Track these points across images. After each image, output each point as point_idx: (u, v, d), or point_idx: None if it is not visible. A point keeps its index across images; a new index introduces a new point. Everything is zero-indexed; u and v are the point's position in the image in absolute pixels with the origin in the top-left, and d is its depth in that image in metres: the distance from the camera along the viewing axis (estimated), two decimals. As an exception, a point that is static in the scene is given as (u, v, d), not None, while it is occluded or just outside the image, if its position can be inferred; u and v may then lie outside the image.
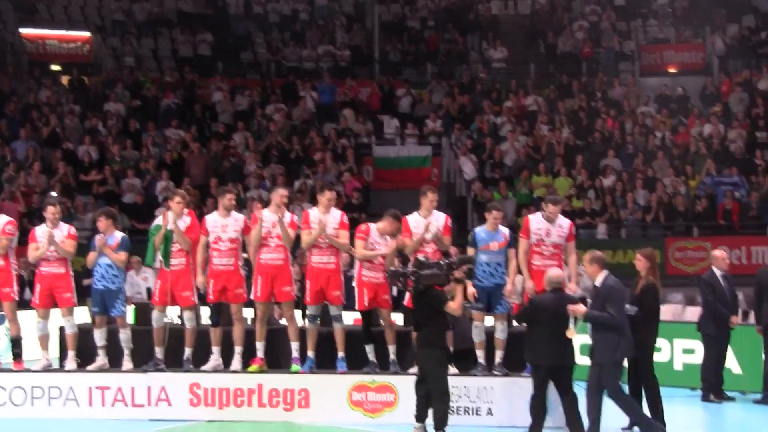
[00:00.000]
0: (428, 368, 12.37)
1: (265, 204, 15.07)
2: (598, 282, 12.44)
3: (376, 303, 13.83)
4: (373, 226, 13.94)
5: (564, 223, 13.81)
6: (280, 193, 14.34)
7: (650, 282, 12.67)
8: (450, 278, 12.33)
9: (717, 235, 24.86)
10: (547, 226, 13.67)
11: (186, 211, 14.44)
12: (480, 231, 13.80)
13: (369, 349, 13.97)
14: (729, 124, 28.09)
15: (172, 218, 14.17)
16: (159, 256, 14.31)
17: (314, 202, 14.65)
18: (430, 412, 12.37)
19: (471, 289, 13.37)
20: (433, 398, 12.34)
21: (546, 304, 12.29)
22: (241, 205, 23.59)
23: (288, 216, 14.22)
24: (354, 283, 14.03)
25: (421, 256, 12.78)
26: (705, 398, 15.56)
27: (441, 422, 12.26)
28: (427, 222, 13.68)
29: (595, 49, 33.04)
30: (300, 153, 27.46)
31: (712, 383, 15.54)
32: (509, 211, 25.65)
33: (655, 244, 24.79)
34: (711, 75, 31.49)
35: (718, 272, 15.82)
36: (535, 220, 13.82)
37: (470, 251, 13.59)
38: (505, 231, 13.80)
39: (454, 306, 12.31)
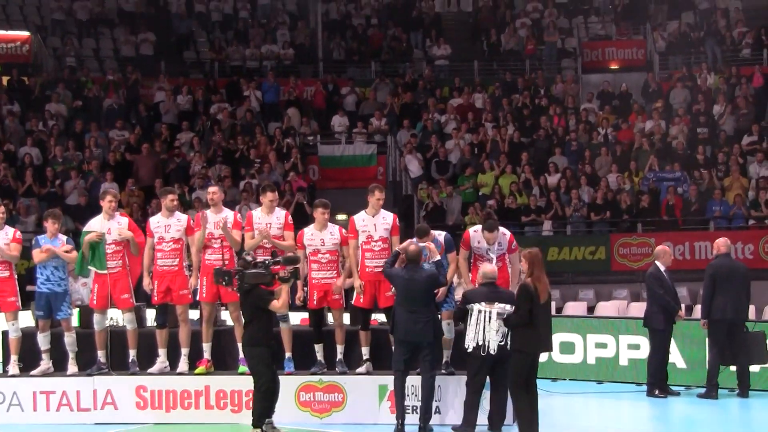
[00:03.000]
0: (251, 366, 12.77)
1: (207, 205, 15.02)
2: None
3: (326, 302, 13.83)
4: (308, 230, 13.93)
5: (503, 239, 13.79)
6: (210, 191, 14.34)
7: (522, 285, 12.40)
8: (276, 278, 12.60)
9: (660, 230, 25.08)
10: (486, 246, 13.71)
11: (119, 212, 14.40)
12: None
13: (318, 348, 13.96)
14: (670, 120, 28.36)
15: (111, 228, 14.09)
16: (88, 266, 14.19)
17: (260, 202, 14.57)
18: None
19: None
20: (253, 394, 12.74)
21: (478, 298, 12.67)
22: (186, 206, 23.49)
23: (231, 215, 14.18)
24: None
25: (248, 256, 13.09)
26: (650, 393, 15.66)
27: (259, 419, 12.68)
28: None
29: (537, 47, 33.21)
30: (245, 153, 27.32)
31: (657, 378, 15.67)
32: (455, 208, 25.78)
33: (600, 240, 25.06)
34: (652, 71, 31.79)
35: (662, 267, 15.93)
36: (476, 238, 13.77)
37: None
38: (440, 239, 13.78)
39: (277, 305, 12.63)
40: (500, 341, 12.52)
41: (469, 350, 12.60)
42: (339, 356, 13.94)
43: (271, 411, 12.85)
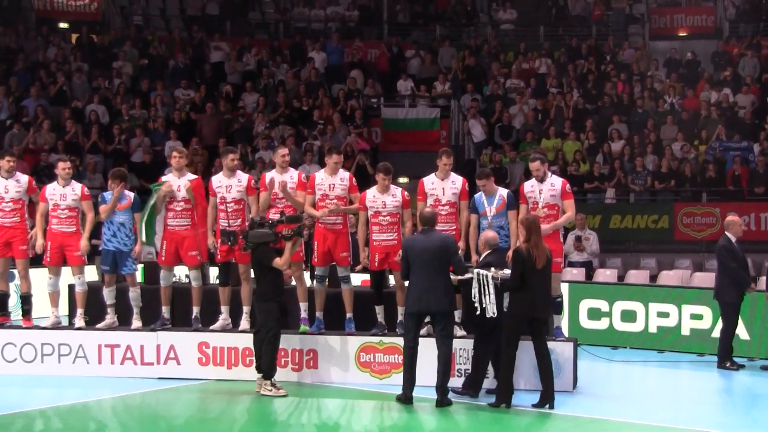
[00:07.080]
0: (261, 320, 13.20)
1: (271, 166, 15.09)
2: None
3: (387, 264, 13.88)
4: (370, 192, 13.97)
5: (557, 182, 13.83)
6: (280, 153, 14.39)
7: (516, 249, 12.54)
8: (279, 236, 13.03)
9: (725, 200, 24.72)
10: (539, 187, 13.70)
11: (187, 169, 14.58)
12: (478, 196, 13.86)
13: (379, 310, 14.04)
14: (738, 89, 27.94)
15: (181, 185, 14.26)
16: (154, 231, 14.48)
17: (322, 163, 14.64)
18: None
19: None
20: (263, 348, 13.11)
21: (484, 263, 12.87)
22: (249, 166, 23.63)
23: (295, 175, 14.26)
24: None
25: (256, 216, 13.43)
26: (721, 365, 15.37)
27: (269, 371, 13.14)
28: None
29: (605, 12, 32.85)
30: (308, 114, 27.37)
31: (727, 350, 15.45)
32: (518, 174, 25.64)
33: (663, 209, 24.81)
34: (721, 39, 31.31)
35: (732, 238, 15.69)
36: (528, 184, 13.91)
37: (473, 217, 13.69)
38: (503, 194, 13.83)
39: (279, 262, 13.00)
40: (498, 306, 12.54)
41: (477, 313, 12.55)
42: (400, 318, 13.98)
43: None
